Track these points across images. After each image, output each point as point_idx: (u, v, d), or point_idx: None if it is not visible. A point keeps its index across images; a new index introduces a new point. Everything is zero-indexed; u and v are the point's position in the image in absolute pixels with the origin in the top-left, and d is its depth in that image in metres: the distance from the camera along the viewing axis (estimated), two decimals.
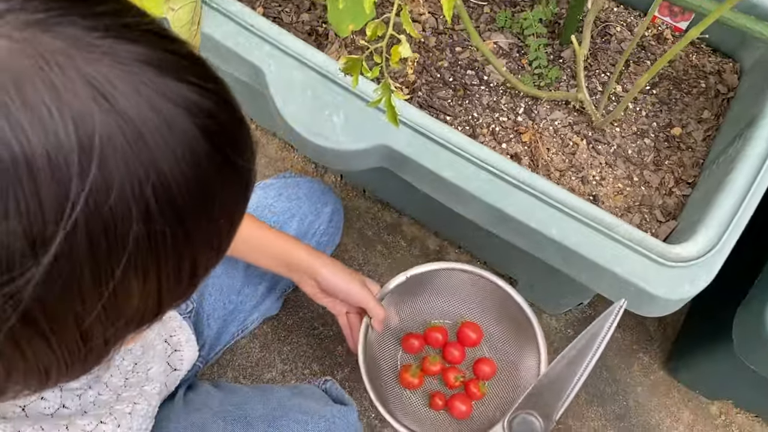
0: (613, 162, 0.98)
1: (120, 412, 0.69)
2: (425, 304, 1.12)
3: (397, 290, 1.04)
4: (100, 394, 0.67)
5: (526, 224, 0.84)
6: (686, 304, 1.25)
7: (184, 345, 0.88)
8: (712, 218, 0.82)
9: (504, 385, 1.07)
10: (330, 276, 0.94)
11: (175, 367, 0.86)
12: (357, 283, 0.95)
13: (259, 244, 0.93)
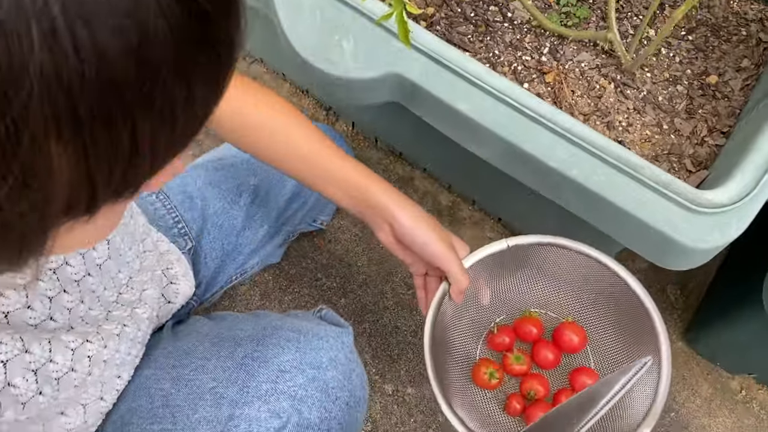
0: (642, 108, 0.91)
1: (108, 332, 0.64)
2: (523, 286, 0.93)
3: (492, 261, 0.84)
4: (90, 309, 0.62)
5: (546, 164, 0.78)
6: (712, 270, 1.19)
7: (181, 279, 0.84)
8: (749, 162, 0.75)
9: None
10: (408, 223, 0.77)
11: (170, 300, 0.81)
12: (439, 238, 0.78)
13: (324, 172, 0.78)
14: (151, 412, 0.69)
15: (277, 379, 0.68)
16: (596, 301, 0.88)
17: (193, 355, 0.73)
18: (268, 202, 1.01)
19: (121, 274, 0.69)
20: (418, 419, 1.09)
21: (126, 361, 0.71)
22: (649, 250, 0.79)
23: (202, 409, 0.68)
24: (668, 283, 1.21)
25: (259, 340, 0.71)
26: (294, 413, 0.67)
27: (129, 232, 0.69)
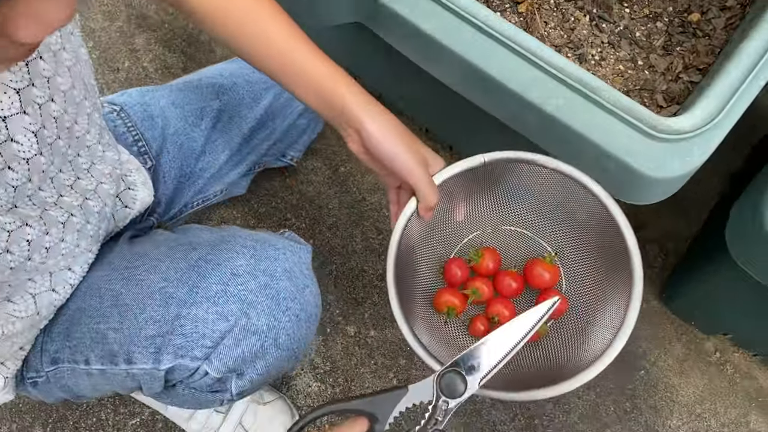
0: (617, 42, 0.88)
1: (52, 218, 0.62)
2: (498, 205, 0.87)
3: (467, 177, 0.79)
4: (41, 189, 0.59)
5: (506, 86, 0.75)
6: (693, 233, 1.15)
7: (140, 186, 0.82)
8: (715, 88, 0.71)
9: (573, 332, 0.82)
10: (377, 133, 0.71)
11: (127, 204, 0.80)
12: (409, 150, 0.72)
13: (296, 70, 0.72)
14: (99, 312, 0.68)
15: (228, 281, 0.66)
16: (572, 224, 0.83)
17: (147, 257, 0.71)
18: (231, 128, 0.99)
19: (81, 159, 0.67)
20: (378, 362, 1.07)
21: (75, 253, 0.68)
22: (608, 180, 0.76)
23: (150, 308, 0.66)
24: (648, 241, 1.17)
25: (215, 245, 0.69)
26: (242, 317, 0.65)
27: (84, 113, 0.66)
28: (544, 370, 0.83)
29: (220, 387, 0.70)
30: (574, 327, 0.83)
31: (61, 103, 0.61)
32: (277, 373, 0.71)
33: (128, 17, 1.29)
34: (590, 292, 0.83)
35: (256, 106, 1.02)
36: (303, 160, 1.20)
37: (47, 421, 1.01)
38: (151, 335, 0.66)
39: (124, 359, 0.67)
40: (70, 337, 0.69)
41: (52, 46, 0.60)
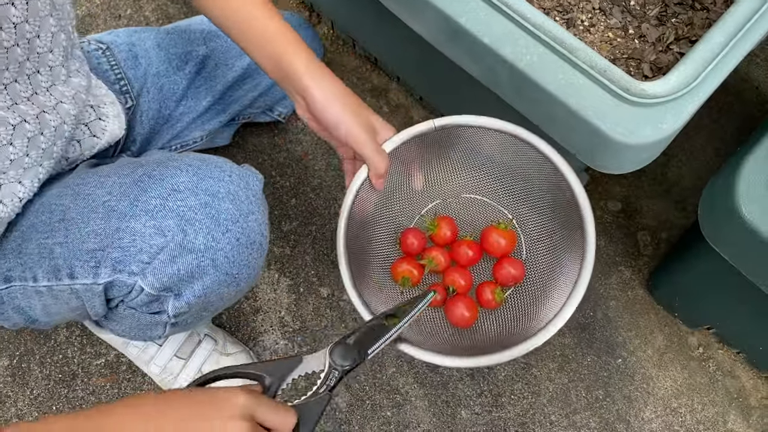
0: (609, 9, 0.84)
1: (2, 118, 0.61)
2: (453, 171, 0.86)
3: (419, 143, 0.78)
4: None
5: (480, 40, 0.73)
6: (688, 224, 1.11)
7: (111, 118, 0.81)
8: (694, 53, 0.68)
9: (532, 297, 0.82)
10: (321, 99, 0.71)
11: (95, 134, 0.79)
12: (355, 116, 0.72)
13: (255, 32, 0.73)
14: (48, 226, 0.68)
15: (168, 196, 0.65)
16: (529, 188, 0.82)
17: (98, 174, 0.70)
18: (215, 76, 0.99)
19: (41, 77, 0.66)
20: (348, 326, 1.06)
21: (24, 163, 0.67)
22: (577, 144, 0.73)
23: (94, 222, 0.65)
24: (640, 228, 1.13)
25: (162, 162, 0.68)
26: (178, 233, 0.64)
27: (48, 30, 0.65)
28: (504, 336, 0.81)
29: (158, 308, 0.69)
30: (533, 292, 0.82)
31: (21, 11, 0.61)
32: (217, 299, 0.70)
33: None
34: (548, 256, 0.81)
35: (244, 56, 1.00)
36: (294, 119, 1.19)
37: (14, 353, 1.02)
38: (92, 249, 0.65)
39: (67, 274, 0.67)
40: (21, 254, 0.69)
41: None
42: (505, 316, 0.82)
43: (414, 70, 1.11)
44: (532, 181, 0.81)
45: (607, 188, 1.16)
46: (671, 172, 1.17)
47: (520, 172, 0.82)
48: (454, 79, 0.98)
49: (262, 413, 0.55)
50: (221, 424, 0.52)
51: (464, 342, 0.83)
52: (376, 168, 0.74)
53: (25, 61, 0.64)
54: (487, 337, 0.82)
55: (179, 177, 0.67)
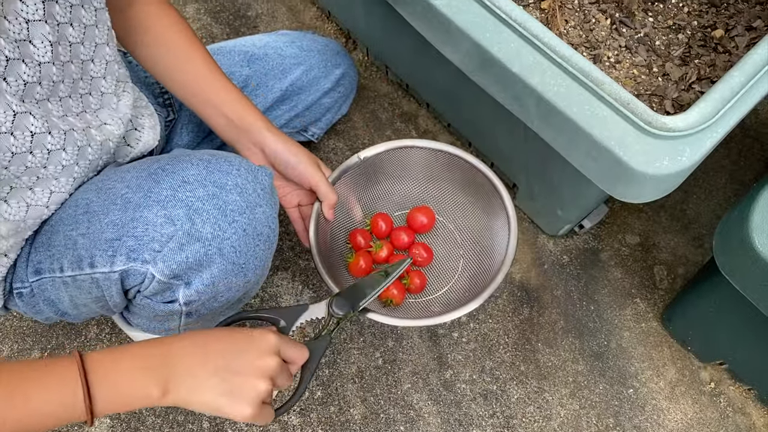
0: (635, 48, 0.88)
1: (55, 124, 0.66)
2: (384, 189, 1.05)
3: (353, 175, 0.96)
4: (48, 101, 0.65)
5: (509, 69, 0.77)
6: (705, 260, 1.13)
7: (147, 129, 0.86)
8: (715, 92, 0.72)
9: (473, 269, 0.99)
10: (279, 147, 0.85)
11: (129, 143, 0.84)
12: (308, 159, 0.87)
13: (213, 92, 0.85)
14: (74, 219, 0.72)
15: (178, 187, 0.69)
16: (453, 185, 1.02)
17: (120, 170, 0.75)
18: (257, 96, 1.04)
19: (92, 99, 0.72)
20: (367, 340, 1.09)
21: (74, 172, 0.73)
22: (599, 173, 0.77)
23: (112, 213, 0.70)
24: (657, 263, 1.16)
25: (176, 157, 0.73)
26: (187, 221, 0.68)
27: (103, 57, 0.72)
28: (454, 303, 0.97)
29: (170, 296, 0.73)
30: (474, 269, 1.00)
31: (79, 33, 0.67)
32: (225, 288, 0.73)
33: None
34: (478, 233, 1.02)
35: (284, 79, 1.06)
36: (325, 139, 1.23)
37: (46, 346, 1.06)
38: (110, 238, 0.69)
39: (88, 263, 0.71)
40: (50, 246, 0.73)
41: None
42: (458, 284, 1.02)
43: (443, 97, 1.16)
44: (454, 181, 1.01)
45: (626, 222, 1.18)
46: (690, 209, 1.20)
47: (442, 176, 1.02)
48: (481, 108, 1.03)
49: (285, 349, 0.69)
50: (258, 356, 0.65)
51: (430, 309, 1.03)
52: (329, 200, 0.90)
53: (79, 80, 0.70)
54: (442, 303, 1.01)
55: (190, 170, 0.71)
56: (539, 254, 1.16)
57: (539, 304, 1.12)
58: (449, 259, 1.05)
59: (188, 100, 0.86)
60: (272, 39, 1.09)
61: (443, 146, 0.96)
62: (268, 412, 0.67)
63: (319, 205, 0.90)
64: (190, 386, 0.62)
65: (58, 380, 0.57)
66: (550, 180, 1.01)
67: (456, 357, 1.08)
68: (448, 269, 1.04)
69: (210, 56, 0.86)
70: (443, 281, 1.03)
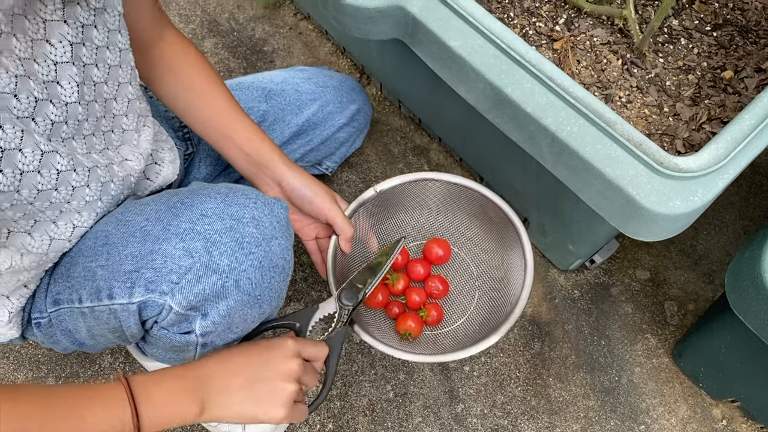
0: (646, 88, 0.90)
1: (80, 161, 0.68)
2: (400, 221, 1.06)
3: (370, 207, 0.97)
4: (73, 139, 0.67)
5: (523, 109, 0.79)
6: (716, 296, 1.13)
7: (167, 163, 0.88)
8: (726, 134, 0.73)
9: (488, 303, 1.00)
10: (296, 181, 0.88)
11: (149, 177, 0.86)
12: (325, 194, 0.89)
13: (232, 128, 0.88)
14: (93, 251, 0.73)
15: (197, 221, 0.70)
16: (468, 217, 1.03)
17: (140, 203, 0.77)
18: (273, 130, 1.06)
19: (114, 136, 0.75)
20: (378, 372, 1.09)
21: (97, 208, 0.74)
22: (612, 212, 0.78)
23: (131, 245, 0.71)
24: (668, 298, 1.16)
25: (195, 190, 0.74)
26: (204, 254, 0.69)
27: (125, 97, 0.75)
28: (467, 340, 0.96)
29: (187, 327, 0.74)
30: (489, 303, 1.01)
31: (103, 73, 0.70)
32: (241, 319, 0.74)
33: (201, 22, 1.40)
34: (494, 267, 1.02)
35: (300, 114, 1.08)
36: (338, 172, 1.25)
37: (60, 374, 1.07)
38: (128, 270, 0.70)
39: (106, 294, 0.72)
40: (69, 278, 0.75)
41: (109, 24, 0.69)
42: (474, 320, 1.02)
43: (455, 132, 1.18)
44: (469, 213, 1.03)
45: (636, 257, 1.19)
46: (700, 245, 1.21)
47: (458, 209, 1.03)
48: (493, 145, 1.04)
49: (305, 350, 0.76)
50: (281, 361, 0.72)
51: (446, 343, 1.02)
52: (346, 233, 0.91)
53: (102, 118, 0.72)
54: (462, 338, 1.00)
55: (208, 203, 0.72)
56: (550, 288, 1.17)
57: (550, 338, 1.13)
58: (465, 291, 1.06)
59: (208, 136, 0.88)
60: (289, 75, 1.12)
61: (459, 179, 0.97)
62: (301, 410, 0.75)
63: (336, 238, 0.92)
64: (224, 402, 0.69)
65: (109, 401, 0.63)
66: (562, 216, 1.02)
67: (467, 391, 1.08)
68: (464, 301, 1.05)
69: (230, 93, 0.89)
70: (459, 313, 1.04)
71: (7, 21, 0.57)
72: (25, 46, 0.60)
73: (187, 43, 0.88)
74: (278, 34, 1.40)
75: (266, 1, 1.42)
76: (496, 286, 1.00)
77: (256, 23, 1.41)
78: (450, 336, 1.02)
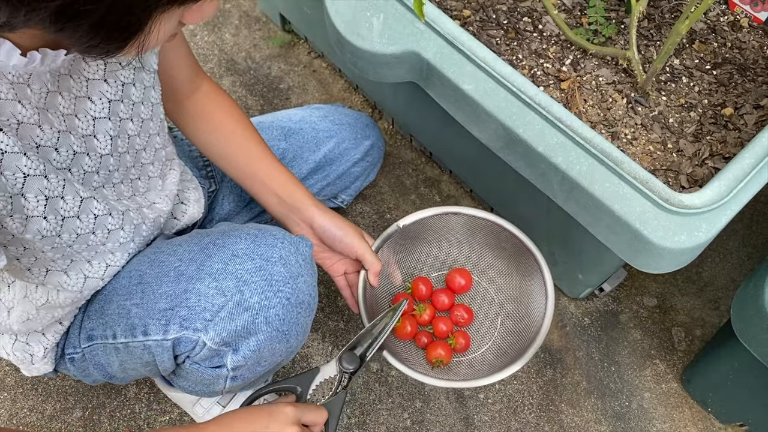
0: (650, 125, 0.94)
1: (114, 206, 0.73)
2: (422, 253, 1.10)
3: (393, 242, 1.02)
4: (104, 187, 0.72)
5: (534, 149, 0.83)
6: (722, 322, 1.17)
7: (192, 202, 0.93)
8: (728, 172, 0.77)
9: (511, 329, 1.03)
10: (326, 222, 0.91)
11: (176, 216, 0.90)
12: (354, 232, 0.93)
13: (265, 173, 0.92)
14: (127, 290, 0.78)
15: (228, 261, 0.74)
16: (488, 247, 1.06)
17: (172, 243, 0.81)
18: (293, 167, 1.10)
19: (140, 183, 0.80)
20: (395, 401, 1.13)
21: (130, 249, 0.79)
22: (620, 245, 0.82)
23: (166, 284, 0.75)
24: (675, 325, 1.20)
25: (225, 232, 0.78)
26: (236, 293, 0.73)
27: (153, 146, 0.79)
28: (495, 364, 0.98)
29: (219, 362, 0.78)
30: (511, 330, 1.03)
31: (137, 127, 0.75)
32: (269, 354, 0.78)
33: (219, 61, 1.45)
34: (514, 294, 1.05)
35: (318, 151, 1.13)
36: (353, 204, 1.29)
37: (87, 405, 1.10)
38: (163, 308, 0.75)
39: (141, 331, 0.76)
40: (103, 315, 0.79)
41: (145, 82, 0.74)
42: (495, 349, 1.03)
43: (466, 166, 1.22)
44: (486, 243, 1.05)
45: (643, 284, 1.23)
46: (705, 272, 1.24)
47: (475, 238, 1.06)
48: (504, 179, 1.09)
49: (305, 416, 0.76)
50: (279, 428, 0.72)
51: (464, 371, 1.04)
52: (374, 267, 0.94)
53: (131, 167, 0.77)
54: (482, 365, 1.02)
55: (239, 244, 0.77)
56: (561, 316, 1.20)
57: (562, 365, 1.16)
58: (488, 318, 1.08)
59: (241, 180, 0.93)
60: (306, 113, 1.17)
61: (479, 212, 1.00)
62: None
63: (365, 273, 0.95)
64: None
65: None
66: (572, 247, 1.06)
67: (482, 418, 1.11)
68: (488, 328, 1.07)
69: (261, 139, 0.93)
70: (485, 339, 1.06)
71: (54, 80, 0.62)
72: (68, 103, 0.64)
73: (221, 93, 0.93)
74: (293, 72, 1.45)
75: (281, 41, 1.47)
76: (517, 312, 1.03)
77: (272, 62, 1.46)
78: (479, 361, 1.03)
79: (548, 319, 0.92)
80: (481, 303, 1.10)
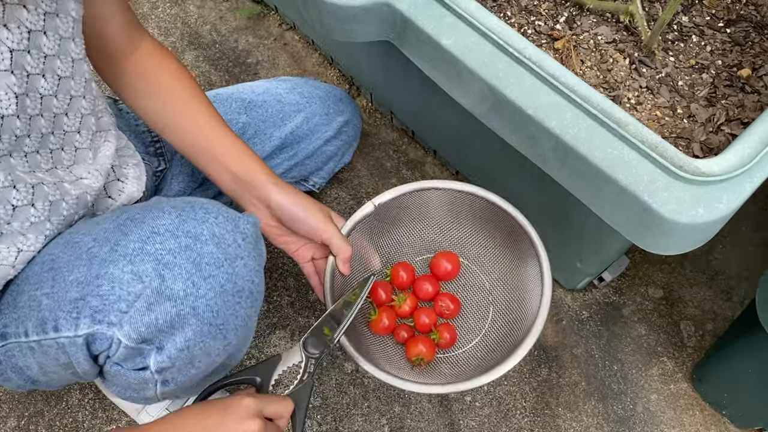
0: (656, 88, 0.82)
1: (21, 178, 0.61)
2: (402, 235, 0.97)
3: (369, 223, 0.89)
4: (11, 156, 0.59)
5: (524, 111, 0.71)
6: (735, 314, 1.05)
7: (131, 179, 0.80)
8: (752, 133, 0.65)
9: (504, 318, 0.90)
10: (285, 200, 0.78)
11: (110, 194, 0.78)
12: (318, 212, 0.80)
13: (217, 147, 0.79)
14: (39, 277, 0.65)
15: (146, 239, 0.61)
16: (476, 227, 0.94)
17: (90, 222, 0.68)
18: (254, 144, 0.98)
19: (64, 155, 0.67)
20: (372, 405, 1.00)
21: (46, 230, 0.66)
22: (625, 223, 0.70)
23: (77, 270, 0.62)
24: (683, 318, 1.08)
25: (148, 206, 0.65)
26: (156, 278, 0.60)
27: (78, 111, 0.67)
28: (485, 362, 0.87)
29: (142, 363, 0.65)
30: (503, 322, 0.91)
31: (52, 85, 0.62)
32: (203, 353, 0.65)
33: (182, 34, 1.33)
34: (508, 279, 0.92)
35: (283, 126, 1.01)
36: (327, 188, 1.17)
37: (23, 414, 0.98)
38: (73, 298, 0.61)
39: (52, 327, 0.63)
40: (15, 308, 0.66)
41: (61, 31, 0.61)
42: (487, 344, 0.91)
43: (451, 143, 1.10)
44: (473, 222, 0.94)
45: (648, 274, 1.11)
46: (715, 259, 1.12)
47: (461, 218, 0.94)
48: (491, 153, 0.97)
49: (267, 408, 0.66)
50: (236, 423, 0.62)
51: (449, 372, 0.91)
52: (343, 253, 0.81)
53: (49, 134, 0.64)
54: (471, 364, 0.89)
55: (161, 219, 0.63)
56: (557, 309, 1.08)
57: (558, 364, 1.04)
58: (478, 307, 0.96)
59: (191, 155, 0.80)
60: (272, 85, 1.05)
61: (463, 186, 0.88)
62: None
63: (334, 259, 0.83)
64: None
65: None
66: (569, 230, 0.94)
67: (469, 423, 0.99)
68: (478, 319, 0.95)
69: (213, 108, 0.81)
70: (474, 332, 0.94)
71: None
72: None
73: (167, 54, 0.81)
74: (262, 45, 1.33)
75: (250, 12, 1.35)
76: (510, 301, 0.91)
77: (239, 35, 1.34)
78: (466, 358, 0.91)
79: (545, 308, 0.81)
80: (470, 291, 0.97)
